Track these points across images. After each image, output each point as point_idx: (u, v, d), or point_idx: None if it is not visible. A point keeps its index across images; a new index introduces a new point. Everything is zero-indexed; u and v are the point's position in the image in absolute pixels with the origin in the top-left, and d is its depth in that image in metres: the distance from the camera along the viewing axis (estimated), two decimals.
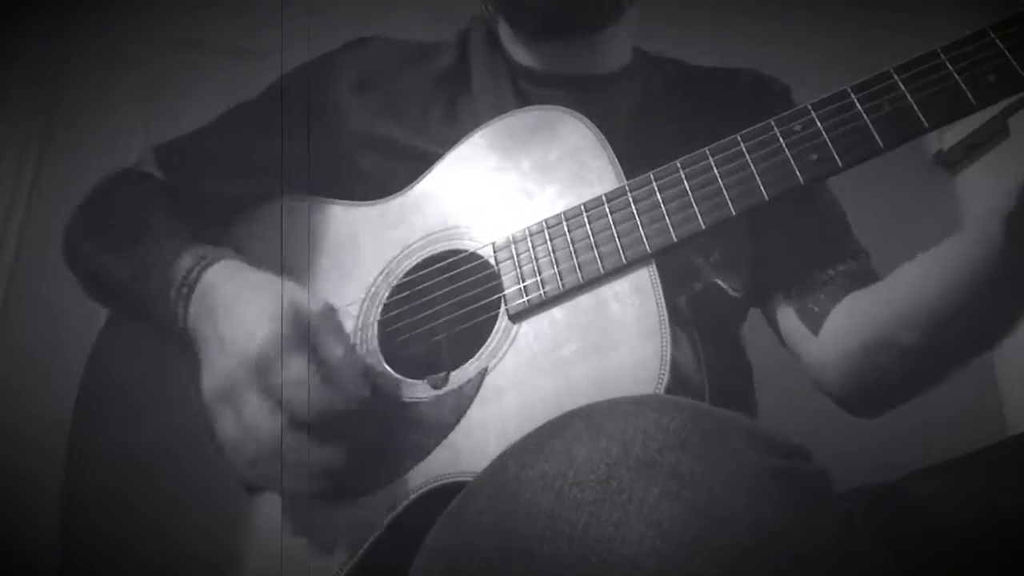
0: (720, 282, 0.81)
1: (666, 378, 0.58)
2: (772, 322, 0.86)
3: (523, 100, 0.85)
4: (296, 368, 0.63)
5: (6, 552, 1.17)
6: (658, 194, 0.65)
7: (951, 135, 1.72)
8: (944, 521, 0.57)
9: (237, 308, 0.68)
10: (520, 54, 0.88)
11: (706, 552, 0.38)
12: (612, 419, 0.44)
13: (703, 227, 0.63)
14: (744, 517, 0.40)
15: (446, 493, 0.61)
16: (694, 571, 0.38)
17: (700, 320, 0.75)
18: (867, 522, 0.56)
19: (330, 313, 0.67)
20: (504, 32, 0.90)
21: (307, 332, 0.65)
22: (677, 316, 0.73)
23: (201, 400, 0.66)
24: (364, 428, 0.68)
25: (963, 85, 0.57)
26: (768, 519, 0.41)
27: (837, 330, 0.79)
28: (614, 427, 0.43)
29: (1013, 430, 1.56)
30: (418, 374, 0.69)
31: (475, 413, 0.64)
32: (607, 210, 0.66)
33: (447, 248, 0.74)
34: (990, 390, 1.60)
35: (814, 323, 0.80)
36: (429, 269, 0.73)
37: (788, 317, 0.83)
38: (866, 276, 0.80)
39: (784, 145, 0.62)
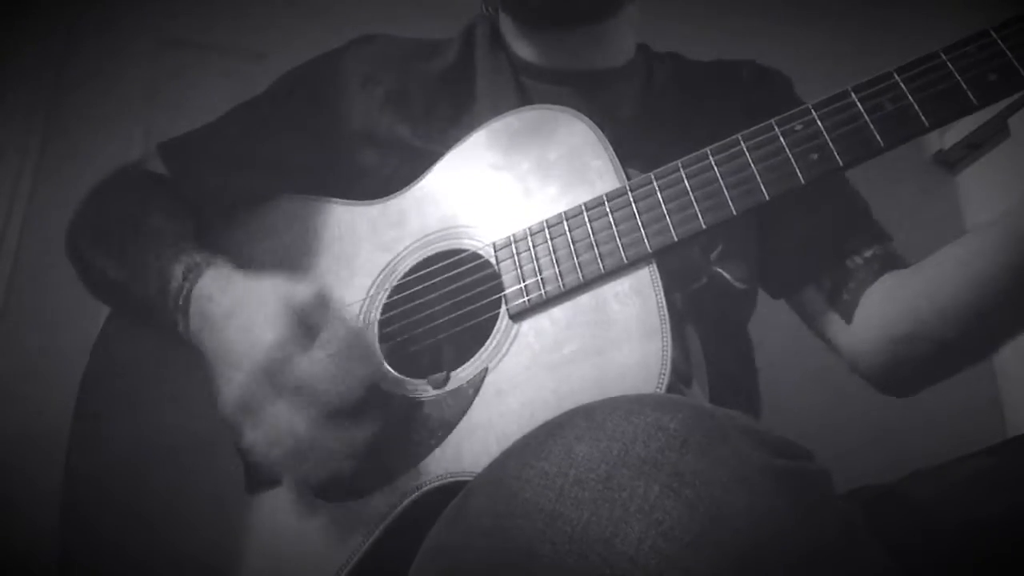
0: (725, 274, 0.81)
1: (667, 377, 0.58)
2: (804, 314, 0.87)
3: (525, 96, 0.85)
4: (307, 364, 0.62)
5: (6, 552, 1.17)
6: (659, 193, 0.65)
7: (951, 135, 1.72)
8: (944, 521, 0.57)
9: (235, 317, 0.67)
10: (522, 49, 0.88)
11: (707, 551, 0.38)
12: (613, 418, 0.44)
13: (704, 227, 0.63)
14: (745, 516, 0.40)
15: (447, 493, 0.60)
16: (695, 570, 0.38)
17: (701, 317, 0.75)
18: (868, 522, 0.56)
19: (322, 299, 0.66)
20: (506, 27, 0.90)
21: (308, 324, 0.64)
22: (683, 315, 0.73)
23: (220, 414, 0.65)
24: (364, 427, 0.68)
25: (964, 85, 0.57)
26: (769, 519, 0.41)
27: (870, 317, 0.79)
28: (615, 426, 0.43)
29: (1013, 430, 1.56)
30: (419, 374, 0.69)
31: (476, 413, 0.64)
32: (608, 209, 0.66)
33: (447, 248, 0.74)
34: (990, 390, 1.61)
35: (847, 312, 0.81)
36: (430, 269, 0.73)
37: (820, 307, 0.84)
38: (893, 260, 0.81)
39: (785, 145, 0.62)
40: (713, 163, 0.64)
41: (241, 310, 0.67)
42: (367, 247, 0.78)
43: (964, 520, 0.56)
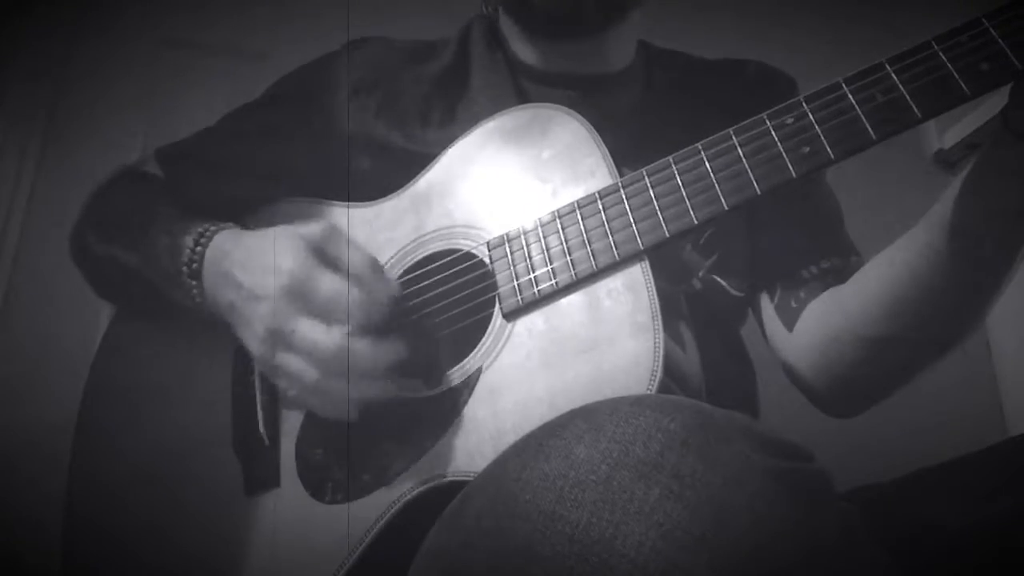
0: (721, 280, 0.81)
1: (659, 374, 0.58)
2: (758, 320, 0.87)
3: (524, 99, 0.85)
4: (329, 283, 0.65)
5: (9, 553, 1.17)
6: (651, 190, 0.65)
7: (951, 134, 1.71)
8: (944, 521, 0.57)
9: (251, 262, 0.69)
10: (523, 51, 0.88)
11: (707, 553, 0.38)
12: (613, 419, 0.44)
13: (695, 222, 0.63)
14: (745, 517, 0.40)
15: (442, 493, 0.61)
16: (695, 572, 0.38)
17: (699, 318, 0.75)
18: (867, 522, 0.56)
19: (334, 230, 0.69)
20: (508, 29, 0.90)
21: (324, 254, 0.67)
22: (677, 313, 0.73)
23: (252, 354, 0.68)
24: (361, 430, 0.68)
25: (956, 75, 0.56)
26: (769, 519, 0.41)
27: (809, 326, 0.79)
28: (615, 427, 0.43)
29: (1013, 430, 1.56)
30: (414, 374, 0.69)
31: (470, 412, 0.64)
32: (600, 207, 0.66)
33: (442, 248, 0.74)
34: (990, 390, 1.61)
35: (790, 319, 0.80)
36: (425, 269, 0.73)
37: (769, 314, 0.83)
38: (850, 274, 0.80)
39: (776, 138, 0.62)
40: (704, 158, 0.64)
41: (256, 256, 0.69)
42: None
43: (964, 520, 0.56)
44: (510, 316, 0.67)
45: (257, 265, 0.68)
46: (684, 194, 0.64)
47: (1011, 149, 0.59)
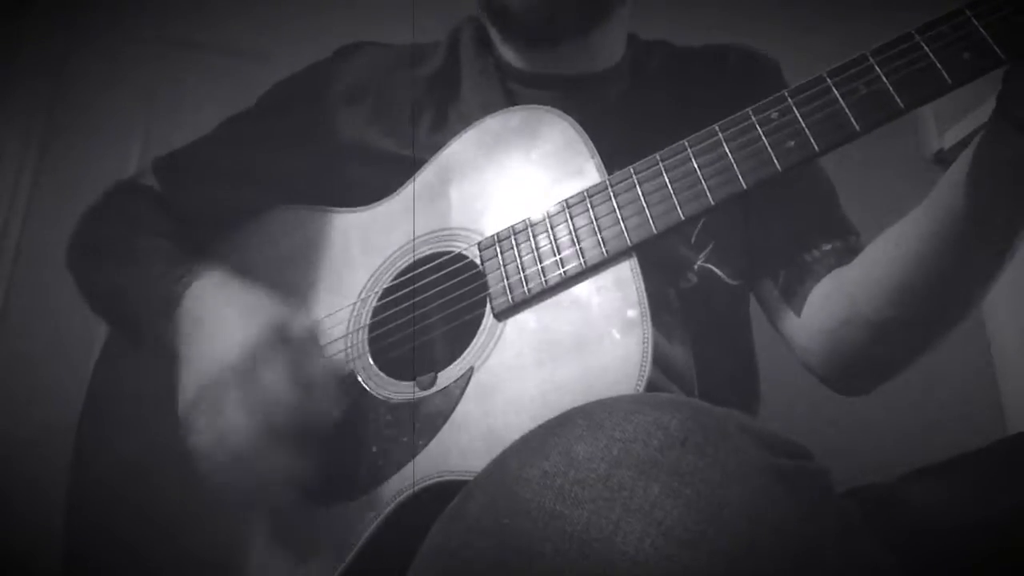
0: (716, 270, 0.81)
1: (647, 369, 0.58)
2: (764, 308, 0.87)
3: (512, 101, 0.85)
4: (273, 380, 0.63)
5: (10, 554, 1.17)
6: (638, 187, 0.65)
7: (951, 135, 1.71)
8: (944, 521, 0.57)
9: (219, 320, 0.68)
10: (509, 55, 0.88)
11: (707, 550, 0.38)
12: (612, 418, 0.44)
13: (682, 218, 0.63)
14: (744, 515, 0.40)
15: (435, 492, 0.61)
16: (695, 569, 0.38)
17: (694, 314, 0.76)
18: (867, 522, 0.56)
19: (313, 333, 0.68)
20: (494, 33, 0.90)
21: (289, 347, 0.65)
22: (667, 308, 0.73)
23: (176, 413, 0.67)
24: (353, 432, 0.68)
25: (938, 65, 0.57)
26: (768, 517, 0.41)
27: (816, 310, 0.79)
28: (614, 425, 0.43)
29: (1013, 430, 1.56)
30: (407, 375, 0.70)
31: (462, 412, 0.64)
32: (589, 205, 0.67)
33: (435, 250, 0.74)
34: (990, 390, 1.61)
35: (798, 304, 0.81)
36: (417, 271, 0.74)
37: (776, 301, 0.83)
38: (852, 255, 0.80)
39: (761, 133, 0.62)
40: (691, 154, 0.64)
41: (225, 314, 0.69)
42: (358, 252, 0.79)
43: (964, 520, 0.56)
44: (501, 316, 0.67)
45: (220, 327, 0.68)
46: (671, 190, 0.64)
47: (1006, 135, 0.59)
